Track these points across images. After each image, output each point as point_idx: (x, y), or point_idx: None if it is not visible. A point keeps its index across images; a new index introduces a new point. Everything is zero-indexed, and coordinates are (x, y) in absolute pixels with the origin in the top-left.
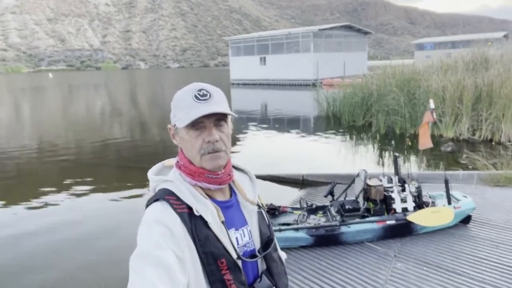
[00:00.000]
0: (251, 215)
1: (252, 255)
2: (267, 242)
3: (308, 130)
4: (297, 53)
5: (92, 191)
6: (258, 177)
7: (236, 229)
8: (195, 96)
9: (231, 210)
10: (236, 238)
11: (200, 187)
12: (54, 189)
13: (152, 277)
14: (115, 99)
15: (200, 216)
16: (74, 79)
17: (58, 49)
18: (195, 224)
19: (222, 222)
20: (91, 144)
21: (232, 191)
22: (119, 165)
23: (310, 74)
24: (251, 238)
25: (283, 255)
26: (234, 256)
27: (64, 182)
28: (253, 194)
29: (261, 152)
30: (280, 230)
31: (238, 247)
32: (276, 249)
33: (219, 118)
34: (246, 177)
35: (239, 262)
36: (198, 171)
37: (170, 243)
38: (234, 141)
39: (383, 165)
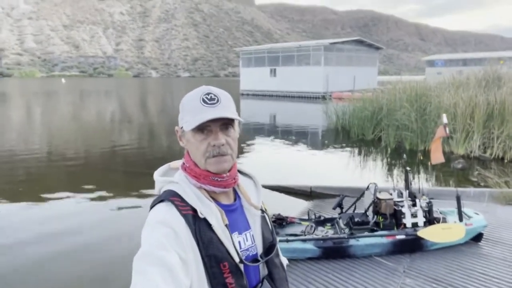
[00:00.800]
0: (254, 219)
1: (254, 259)
2: (269, 247)
3: (317, 143)
4: (308, 65)
5: (100, 196)
6: (266, 187)
7: (239, 233)
8: (203, 100)
9: (235, 214)
10: (239, 242)
11: (205, 189)
12: (61, 194)
13: (155, 278)
14: (125, 106)
15: (204, 219)
16: (86, 85)
17: (72, 55)
18: (199, 226)
19: (226, 225)
20: (100, 149)
21: (236, 195)
22: (127, 171)
23: (320, 87)
24: (253, 243)
25: (284, 261)
26: (237, 259)
27: (72, 187)
28: (257, 199)
29: (269, 163)
30: (287, 241)
31: (240, 251)
32: (278, 255)
33: (226, 122)
34: (251, 182)
35: (241, 266)
36: (203, 173)
37: (174, 244)
38: (243, 151)
39: (392, 179)
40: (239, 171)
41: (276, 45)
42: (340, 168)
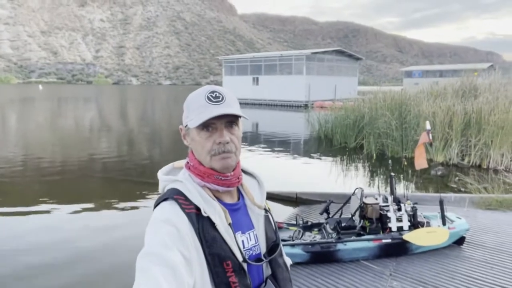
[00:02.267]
0: (258, 219)
1: (258, 259)
2: (272, 247)
3: (300, 151)
4: (290, 75)
5: (78, 206)
6: None
7: (243, 232)
8: (208, 98)
9: (238, 213)
10: (242, 241)
11: (209, 188)
12: (40, 204)
13: (158, 277)
14: (104, 114)
15: (208, 217)
16: (65, 92)
17: (49, 61)
18: (202, 225)
19: (229, 224)
20: (78, 158)
21: (240, 194)
22: (106, 177)
23: (302, 96)
24: (257, 242)
25: (288, 261)
26: (240, 259)
27: (50, 197)
28: (261, 199)
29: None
30: None
31: (244, 250)
32: (281, 255)
33: (230, 120)
34: (255, 181)
35: (245, 265)
36: (207, 172)
37: (177, 243)
38: None
39: (376, 185)
40: (243, 170)
41: (258, 54)
42: (324, 175)
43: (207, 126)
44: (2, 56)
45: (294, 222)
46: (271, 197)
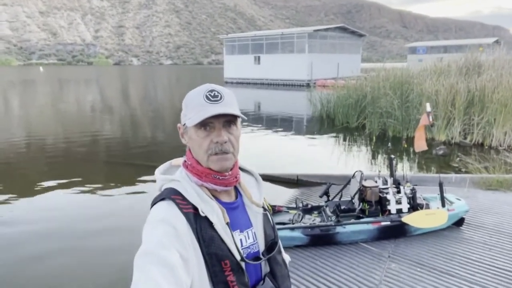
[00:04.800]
0: (256, 217)
1: (256, 257)
2: (271, 245)
3: (302, 131)
4: (292, 53)
5: (81, 188)
6: None
7: (241, 231)
8: (206, 97)
9: (236, 211)
10: (241, 240)
11: (206, 187)
12: (42, 185)
13: (156, 277)
14: (106, 95)
15: (206, 217)
16: (66, 73)
17: (49, 42)
18: (200, 225)
19: (227, 223)
20: (80, 140)
21: (237, 193)
22: (109, 161)
23: (304, 75)
24: (255, 240)
25: (287, 258)
26: (238, 258)
27: (52, 179)
28: (259, 196)
29: (254, 151)
30: None
31: (242, 249)
32: (280, 252)
33: (228, 120)
34: (252, 179)
35: (243, 264)
36: (205, 171)
37: (175, 242)
38: None
39: (377, 167)
40: (240, 168)
41: (260, 33)
42: (326, 156)
43: (205, 125)
44: (1, 38)
45: (294, 205)
46: (272, 179)
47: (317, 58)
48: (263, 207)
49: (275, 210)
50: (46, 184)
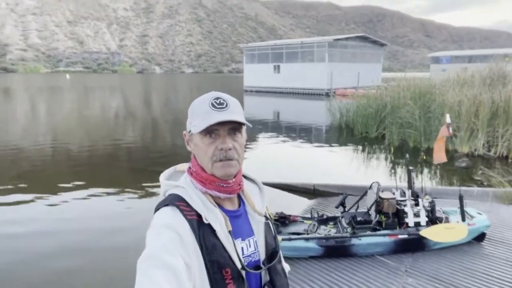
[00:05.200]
0: (258, 226)
1: (257, 266)
2: (272, 254)
3: (320, 140)
4: (311, 62)
5: (102, 192)
6: (269, 185)
7: (243, 239)
8: (212, 104)
9: (239, 220)
10: (242, 248)
11: (210, 195)
12: (65, 187)
13: (159, 280)
14: (130, 102)
15: (209, 224)
16: (91, 81)
17: (76, 51)
18: (203, 232)
19: (229, 231)
20: (103, 145)
21: (241, 201)
22: (131, 166)
23: (323, 84)
24: (256, 249)
25: (286, 267)
26: (239, 266)
27: (75, 182)
28: (262, 205)
29: (273, 160)
30: (290, 239)
31: (243, 257)
32: (280, 261)
33: (233, 127)
34: (256, 188)
35: (243, 273)
36: (209, 178)
37: (178, 248)
38: (246, 147)
39: (395, 178)
40: (244, 176)
41: (280, 42)
42: (344, 166)
43: (210, 132)
44: (31, 46)
45: (309, 215)
46: (289, 188)
47: (337, 67)
48: (265, 216)
49: (290, 220)
50: (68, 187)
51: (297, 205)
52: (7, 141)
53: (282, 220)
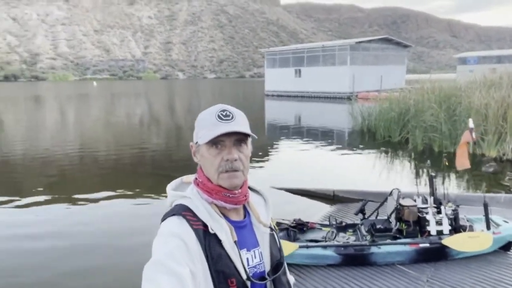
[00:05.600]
0: (263, 237)
1: (262, 277)
2: (277, 265)
3: (342, 144)
4: (333, 65)
5: (126, 197)
6: (289, 190)
7: (248, 250)
8: (218, 116)
9: (244, 230)
10: (247, 259)
11: (216, 205)
12: (89, 192)
13: (165, 286)
14: (154, 108)
15: (214, 234)
16: (117, 88)
17: (103, 59)
18: (209, 242)
19: (235, 242)
20: (127, 151)
21: (246, 212)
22: (154, 173)
23: (345, 87)
24: (261, 260)
25: (291, 279)
26: (244, 276)
27: (100, 187)
28: (267, 217)
29: (293, 165)
30: (307, 247)
31: (248, 268)
32: (285, 273)
33: (239, 138)
34: (261, 199)
35: (248, 283)
36: (215, 189)
37: (184, 256)
38: (267, 153)
39: (418, 184)
40: (250, 188)
41: (301, 46)
42: (365, 171)
43: (216, 143)
44: (60, 55)
45: (328, 222)
46: (308, 194)
47: (359, 70)
48: (270, 227)
49: (308, 227)
50: (93, 192)
51: (316, 211)
52: (38, 147)
53: (300, 227)
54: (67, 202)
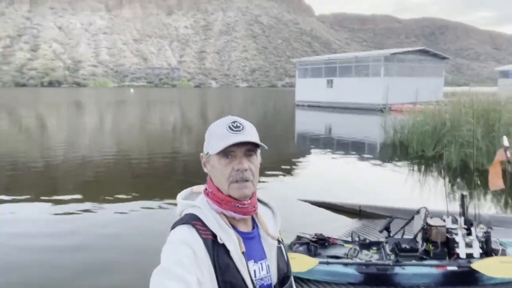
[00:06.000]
0: (270, 249)
1: None
2: (283, 279)
3: (372, 157)
4: (366, 76)
5: (157, 203)
6: (313, 203)
7: (255, 262)
8: (229, 127)
9: (252, 242)
10: (254, 271)
11: (225, 215)
12: (122, 197)
13: None
14: (187, 116)
15: (223, 244)
16: (152, 95)
17: (140, 67)
18: (217, 252)
19: (243, 253)
20: (162, 157)
21: (254, 224)
22: (186, 180)
23: (378, 99)
24: (268, 273)
25: None
26: None
27: (131, 193)
28: (275, 229)
29: (321, 176)
30: (328, 263)
31: (255, 280)
32: (291, 286)
33: (250, 149)
34: (270, 211)
35: None
36: (225, 199)
37: (193, 264)
38: (295, 163)
39: (449, 203)
40: (259, 200)
41: (333, 56)
42: (394, 186)
43: (227, 153)
44: (101, 63)
45: (350, 239)
46: (333, 208)
47: (394, 81)
48: (278, 239)
49: (330, 242)
50: (124, 198)
51: (339, 226)
52: (77, 150)
53: (321, 242)
54: (98, 202)
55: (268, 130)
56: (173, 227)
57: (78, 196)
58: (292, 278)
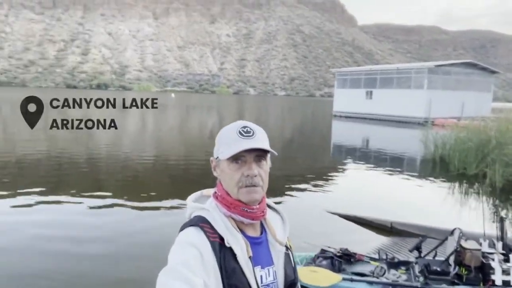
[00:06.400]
0: (278, 255)
1: None
2: (290, 285)
3: (409, 173)
4: (408, 89)
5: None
6: (343, 216)
7: (262, 267)
8: (239, 132)
9: (259, 247)
10: (261, 276)
11: (234, 219)
12: (156, 198)
13: None
14: (225, 122)
15: (230, 248)
16: (192, 100)
17: (182, 73)
18: (224, 255)
19: (250, 257)
20: (198, 161)
21: (263, 229)
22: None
23: (420, 112)
24: (275, 279)
25: None
26: None
27: (166, 195)
28: (283, 235)
29: (354, 189)
30: (352, 280)
31: (261, 286)
32: None
33: (259, 154)
34: (279, 217)
35: None
36: (234, 203)
37: (200, 266)
38: (331, 174)
39: (488, 225)
40: (268, 205)
41: (374, 67)
42: (431, 204)
43: (237, 158)
44: (146, 68)
45: (377, 256)
46: (363, 222)
47: (437, 95)
48: (286, 246)
49: (356, 258)
50: (158, 199)
51: (367, 242)
52: (118, 151)
53: (347, 258)
54: (132, 202)
55: (304, 140)
56: (181, 229)
57: (117, 194)
58: (299, 285)
